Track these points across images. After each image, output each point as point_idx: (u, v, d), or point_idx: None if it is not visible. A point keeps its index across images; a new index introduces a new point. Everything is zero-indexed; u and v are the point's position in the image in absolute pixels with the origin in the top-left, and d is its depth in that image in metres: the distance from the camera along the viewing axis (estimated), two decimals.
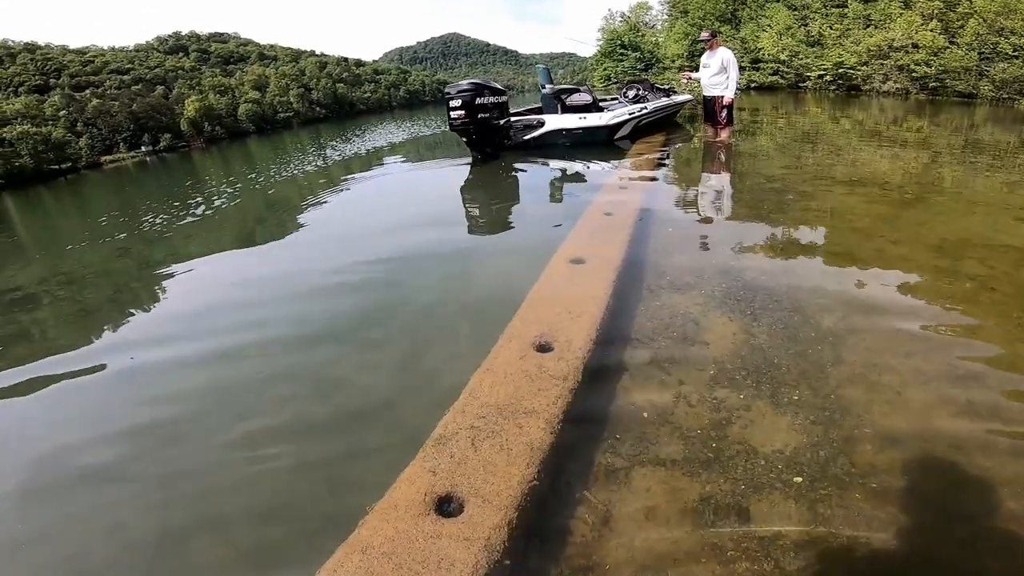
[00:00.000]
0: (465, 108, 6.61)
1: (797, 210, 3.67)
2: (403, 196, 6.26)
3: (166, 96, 56.04)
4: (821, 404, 1.63)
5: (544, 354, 1.79)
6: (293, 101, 65.98)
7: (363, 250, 3.83)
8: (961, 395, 1.61)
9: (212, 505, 1.62)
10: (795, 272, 2.60)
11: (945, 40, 13.09)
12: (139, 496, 1.71)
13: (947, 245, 2.81)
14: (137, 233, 6.32)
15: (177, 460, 1.85)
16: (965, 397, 1.60)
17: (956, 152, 5.69)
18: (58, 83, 58.94)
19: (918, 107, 11.36)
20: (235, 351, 2.59)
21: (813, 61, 17.73)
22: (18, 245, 8.13)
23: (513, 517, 1.25)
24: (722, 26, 22.37)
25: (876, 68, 15.08)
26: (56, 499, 1.77)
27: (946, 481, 1.35)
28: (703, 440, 1.55)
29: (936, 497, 1.32)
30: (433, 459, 1.41)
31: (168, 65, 72.59)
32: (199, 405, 2.17)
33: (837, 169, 5.01)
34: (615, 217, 3.38)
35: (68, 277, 4.83)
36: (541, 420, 1.49)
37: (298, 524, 1.51)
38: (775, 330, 2.05)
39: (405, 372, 2.19)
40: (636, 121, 7.61)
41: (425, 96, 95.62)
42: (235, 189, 9.18)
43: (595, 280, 2.34)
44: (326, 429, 1.88)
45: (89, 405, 2.36)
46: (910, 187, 4.17)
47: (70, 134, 43.23)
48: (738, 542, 1.25)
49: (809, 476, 1.39)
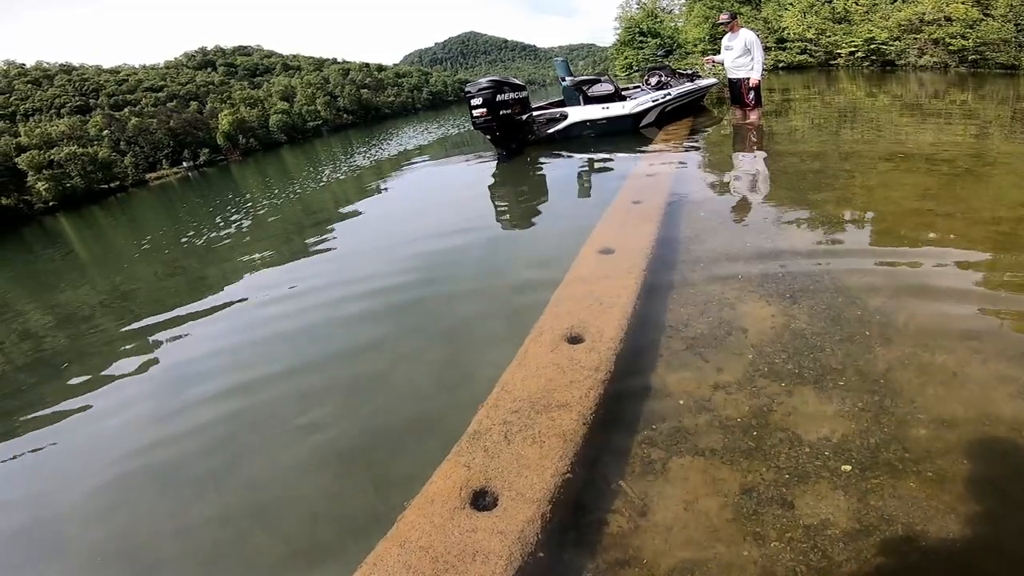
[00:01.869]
0: (487, 106, 6.61)
1: (837, 188, 3.51)
2: (432, 197, 6.30)
3: (200, 111, 57.95)
4: (870, 388, 1.55)
5: (575, 346, 1.76)
6: (320, 109, 67.33)
7: (397, 255, 3.88)
8: (1021, 375, 1.50)
9: (267, 505, 1.69)
10: (836, 252, 2.48)
11: (979, 12, 12.35)
12: (200, 496, 1.80)
13: (1003, 220, 2.64)
14: (187, 247, 6.59)
15: (233, 463, 1.94)
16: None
17: (1006, 124, 5.35)
18: (97, 103, 61.20)
19: (960, 80, 10.73)
20: (283, 357, 2.68)
21: (842, 38, 16.99)
22: (77, 264, 8.60)
23: (547, 510, 1.24)
24: (742, 7, 21.65)
25: (910, 43, 14.36)
26: (128, 501, 1.88)
27: (1008, 467, 1.26)
28: (743, 428, 1.49)
29: (997, 484, 1.23)
30: (468, 454, 1.41)
31: (199, 81, 74.90)
32: (250, 409, 2.26)
33: (879, 145, 4.78)
34: (644, 205, 3.31)
35: (123, 293, 5.09)
36: (574, 412, 1.46)
37: (344, 521, 1.55)
38: (816, 312, 1.96)
39: (442, 370, 2.21)
40: (661, 108, 7.45)
41: (448, 96, 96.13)
42: (273, 200, 9.42)
43: (625, 269, 2.30)
44: (370, 430, 1.92)
45: (152, 412, 2.48)
46: (959, 160, 3.94)
47: (114, 153, 45.20)
48: (782, 532, 1.20)
49: (859, 464, 1.32)
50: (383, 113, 76.93)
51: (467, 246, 3.75)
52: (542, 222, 4.09)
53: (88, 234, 14.43)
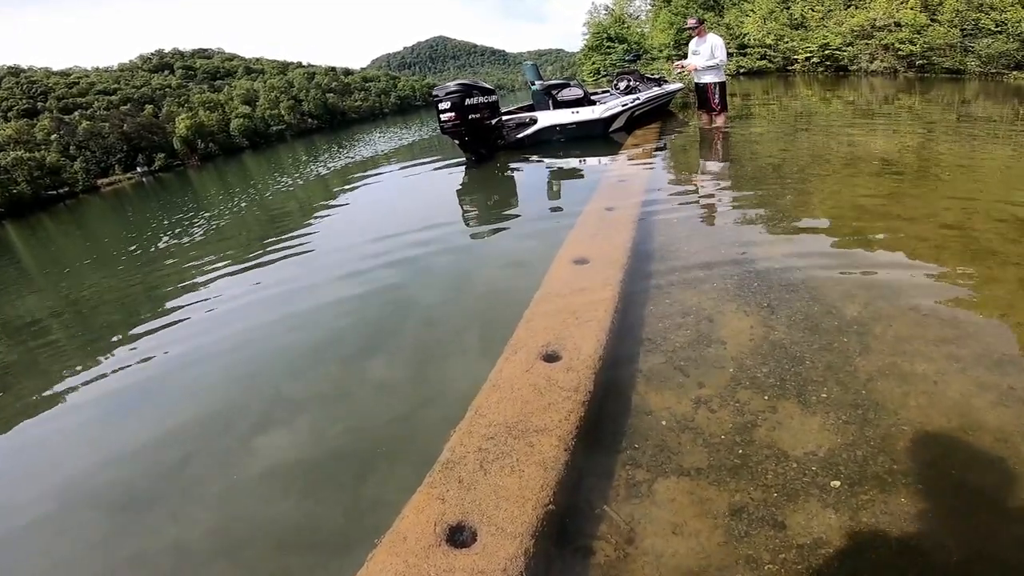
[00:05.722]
0: (455, 110, 6.51)
1: (802, 193, 3.56)
2: (399, 205, 6.15)
3: (156, 115, 55.74)
4: (853, 400, 1.53)
5: (552, 364, 1.68)
6: (284, 114, 65.66)
7: (362, 265, 3.73)
8: (1001, 381, 1.50)
9: (228, 532, 1.56)
10: (809, 258, 2.48)
11: (926, 18, 12.99)
12: (156, 524, 1.66)
13: (962, 221, 2.70)
14: (140, 255, 6.25)
15: (191, 487, 1.80)
16: (1005, 383, 1.49)
17: (951, 126, 5.59)
18: (46, 106, 58.33)
19: (908, 85, 11.23)
20: (242, 374, 2.54)
21: (799, 44, 17.64)
22: (24, 272, 8.10)
23: (530, 545, 1.15)
24: (705, 13, 22.24)
25: (862, 48, 15.02)
26: (74, 529, 1.73)
27: (996, 477, 1.25)
28: (728, 446, 1.44)
29: (988, 494, 1.21)
30: (441, 485, 1.31)
31: (155, 84, 72.16)
32: (206, 429, 2.11)
33: (836, 149, 4.90)
34: (617, 212, 3.28)
35: (72, 304, 4.76)
36: (553, 437, 1.38)
37: (313, 551, 1.44)
38: (795, 322, 1.94)
39: (412, 387, 2.10)
40: (630, 112, 7.50)
41: (417, 101, 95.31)
42: (234, 206, 9.07)
43: (601, 281, 2.24)
44: (338, 453, 1.81)
45: (100, 432, 2.32)
46: (912, 163, 4.06)
47: (64, 158, 42.96)
48: (775, 553, 1.16)
49: (848, 479, 1.29)
50: (350, 118, 75.62)
51: (435, 255, 3.64)
52: (514, 230, 4.02)
53: (35, 242, 13.64)
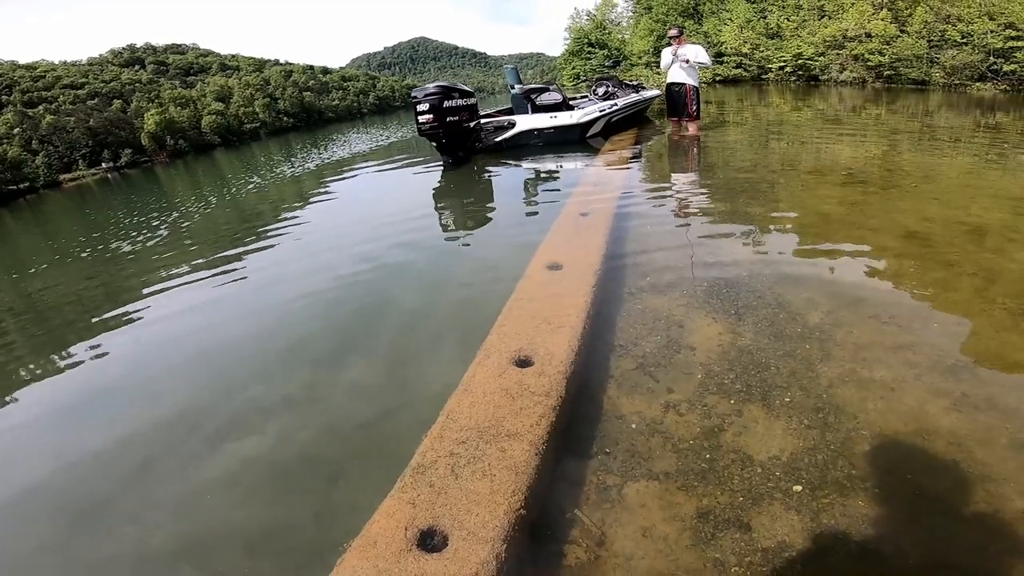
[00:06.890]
0: (433, 112, 6.48)
1: (771, 201, 3.66)
2: (374, 206, 6.09)
3: (124, 110, 54.04)
4: (814, 405, 1.57)
5: (524, 369, 1.69)
6: (259, 111, 64.31)
7: (334, 266, 3.67)
8: (955, 388, 1.57)
9: (193, 538, 1.52)
10: (776, 266, 2.55)
11: (896, 29, 13.50)
12: (117, 529, 1.60)
13: (923, 230, 2.81)
14: (104, 253, 6.03)
15: (154, 490, 1.74)
16: (959, 390, 1.56)
17: (914, 137, 5.81)
18: (10, 100, 56.10)
19: (875, 95, 11.64)
20: (207, 375, 2.47)
21: (773, 53, 18.15)
22: None
23: (502, 550, 1.16)
24: (685, 21, 22.73)
25: (833, 58, 15.53)
26: (30, 534, 1.65)
27: (950, 481, 1.30)
28: (696, 451, 1.47)
29: (944, 499, 1.26)
30: (412, 490, 1.31)
31: (124, 79, 69.91)
32: (173, 431, 2.04)
33: (805, 158, 5.06)
34: (591, 218, 3.31)
35: (30, 302, 4.57)
36: (525, 442, 1.39)
37: (284, 556, 1.41)
38: (761, 329, 2.00)
39: (383, 390, 2.08)
40: (607, 118, 7.59)
41: (396, 102, 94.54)
42: (204, 205, 8.84)
43: (574, 286, 2.26)
44: (308, 456, 1.77)
45: (58, 434, 2.22)
46: (876, 173, 4.21)
47: (25, 152, 41.31)
48: (741, 556, 1.19)
49: (809, 484, 1.33)
50: (327, 117, 74.54)
51: (409, 258, 3.62)
52: (488, 233, 4.02)
53: None
